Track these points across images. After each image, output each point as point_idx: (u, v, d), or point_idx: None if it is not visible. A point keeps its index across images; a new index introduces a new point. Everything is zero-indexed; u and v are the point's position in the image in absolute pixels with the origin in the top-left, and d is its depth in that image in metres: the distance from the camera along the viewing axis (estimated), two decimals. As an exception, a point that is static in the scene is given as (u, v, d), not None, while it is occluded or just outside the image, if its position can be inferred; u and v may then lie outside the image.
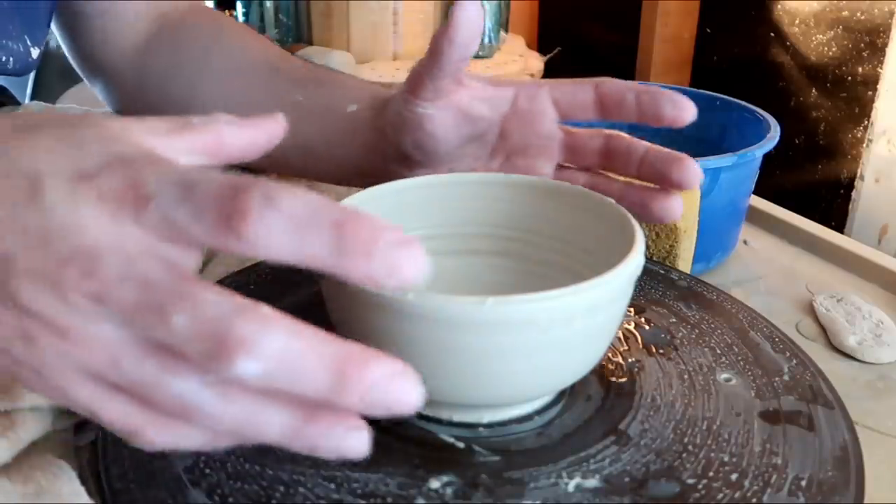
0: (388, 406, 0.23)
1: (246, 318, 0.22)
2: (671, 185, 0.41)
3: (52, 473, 0.31)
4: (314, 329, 0.23)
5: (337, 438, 0.24)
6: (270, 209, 0.22)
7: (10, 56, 0.51)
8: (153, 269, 0.23)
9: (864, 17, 0.97)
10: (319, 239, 0.22)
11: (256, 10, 1.39)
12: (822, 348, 0.50)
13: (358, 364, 0.22)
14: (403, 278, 0.23)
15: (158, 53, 0.59)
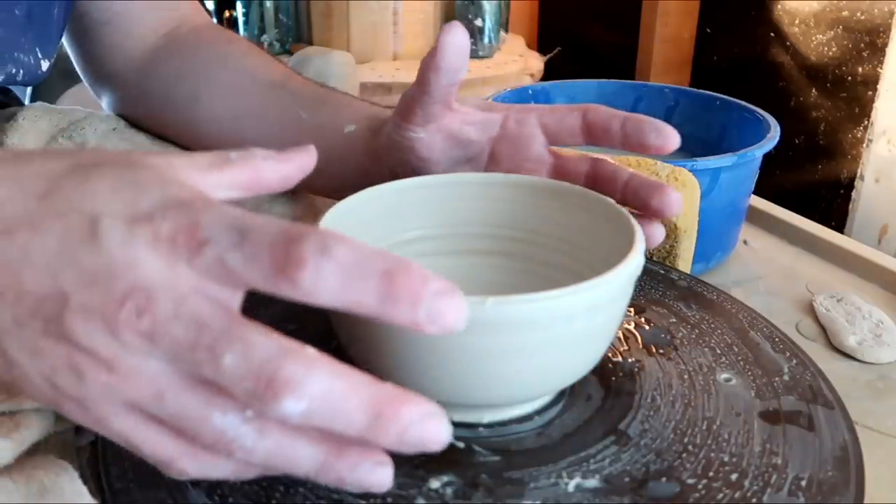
0: (420, 445, 0.24)
1: (293, 360, 0.23)
2: (652, 213, 0.42)
3: (54, 473, 0.31)
4: (354, 370, 0.24)
5: (364, 472, 0.26)
6: (325, 258, 0.24)
7: (20, 68, 0.52)
8: (204, 310, 0.24)
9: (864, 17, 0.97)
10: (370, 287, 0.24)
11: (256, 10, 1.39)
12: (822, 348, 0.50)
13: (395, 405, 0.24)
14: (446, 325, 0.24)
15: (165, 61, 0.59)
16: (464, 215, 0.44)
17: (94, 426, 0.27)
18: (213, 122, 0.57)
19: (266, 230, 0.25)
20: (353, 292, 0.24)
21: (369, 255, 0.24)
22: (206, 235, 0.25)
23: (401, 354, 0.32)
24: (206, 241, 0.25)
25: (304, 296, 0.24)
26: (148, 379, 0.25)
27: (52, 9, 0.54)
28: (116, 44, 0.60)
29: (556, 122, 0.45)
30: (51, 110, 0.58)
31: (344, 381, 0.24)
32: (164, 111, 0.59)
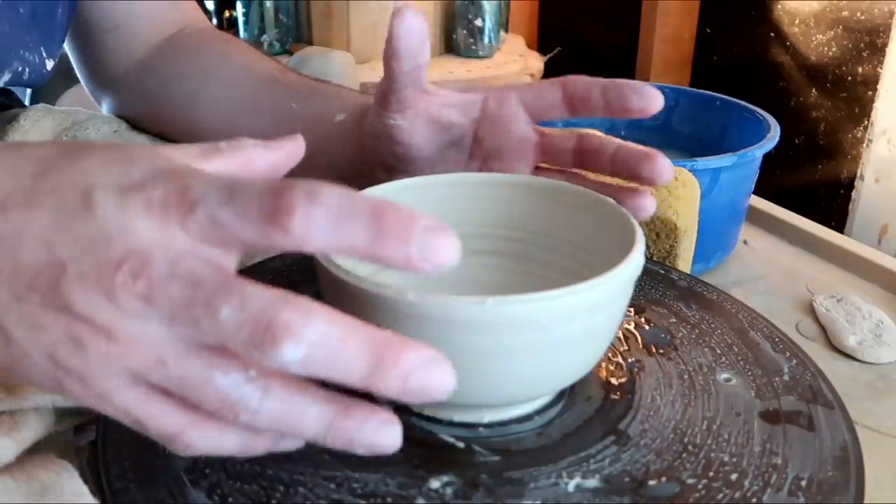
0: (424, 391, 0.24)
1: (289, 307, 0.23)
2: (643, 182, 0.41)
3: (55, 472, 0.31)
4: (352, 318, 0.24)
5: (371, 432, 0.26)
6: (314, 204, 0.24)
7: (25, 67, 0.53)
8: (199, 268, 0.25)
9: (864, 17, 0.97)
10: (360, 228, 0.24)
11: (256, 10, 1.39)
12: (822, 348, 0.50)
13: (395, 349, 0.24)
14: (438, 261, 0.24)
15: (165, 61, 0.60)
16: (463, 215, 0.44)
17: (96, 403, 0.27)
18: (212, 118, 0.57)
19: (254, 185, 0.25)
20: (344, 234, 0.24)
21: (357, 198, 0.24)
22: (196, 197, 0.25)
23: (401, 354, 0.32)
24: (197, 202, 0.25)
25: (296, 243, 0.24)
26: (148, 345, 0.25)
27: (55, 8, 0.55)
28: (119, 49, 0.61)
29: (537, 98, 0.44)
30: (53, 111, 0.59)
31: (343, 326, 0.24)
32: (164, 108, 0.59)
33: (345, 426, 0.26)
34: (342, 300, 0.33)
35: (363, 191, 0.41)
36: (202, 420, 0.26)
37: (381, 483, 0.32)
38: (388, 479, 0.32)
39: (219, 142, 0.31)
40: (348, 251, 0.24)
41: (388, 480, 0.32)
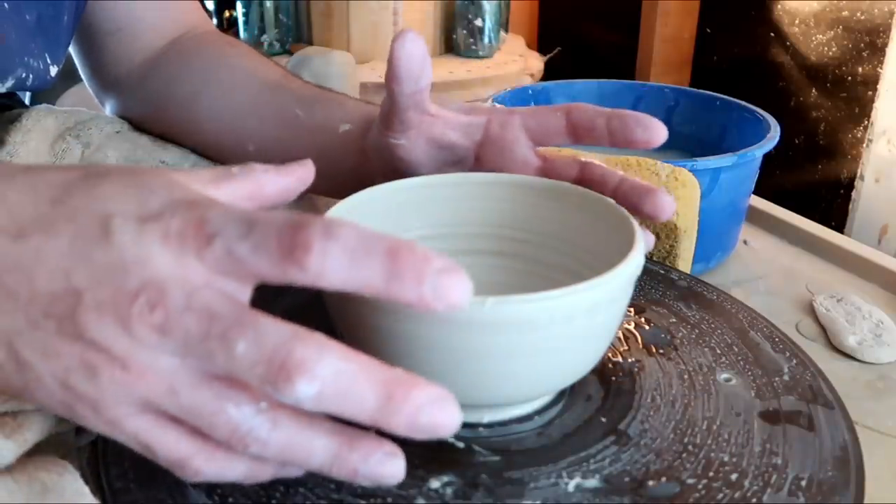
0: (432, 428, 0.25)
1: (304, 344, 0.24)
2: (644, 217, 0.41)
3: (56, 473, 0.31)
4: (365, 355, 0.25)
5: (376, 464, 0.26)
6: (331, 241, 0.24)
7: (29, 73, 0.53)
8: (215, 301, 0.25)
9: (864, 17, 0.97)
10: (375, 266, 0.24)
11: (256, 10, 1.39)
12: (822, 348, 0.50)
13: (405, 387, 0.24)
14: (450, 301, 0.24)
15: (168, 63, 0.60)
16: (464, 215, 0.44)
17: (107, 429, 0.27)
18: (214, 121, 0.57)
19: (272, 220, 0.25)
20: (359, 272, 0.24)
21: (373, 237, 0.24)
22: (213, 229, 0.25)
23: (401, 355, 0.32)
24: (215, 235, 0.25)
25: (312, 279, 0.24)
26: (161, 375, 0.25)
27: (61, 14, 0.55)
28: (122, 52, 0.61)
29: (540, 125, 0.45)
30: (56, 111, 0.59)
31: (355, 364, 0.24)
32: (166, 110, 0.59)
33: (350, 458, 0.26)
34: (343, 301, 0.33)
35: (365, 191, 0.41)
36: (212, 449, 0.27)
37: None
38: (389, 479, 0.32)
39: (231, 166, 0.31)
40: (363, 288, 0.25)
41: (389, 480, 0.32)
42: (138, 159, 0.57)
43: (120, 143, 0.58)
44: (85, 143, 0.57)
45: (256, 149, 0.55)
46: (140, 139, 0.59)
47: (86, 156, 0.56)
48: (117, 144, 0.58)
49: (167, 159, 0.58)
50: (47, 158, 0.55)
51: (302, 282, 0.25)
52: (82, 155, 0.56)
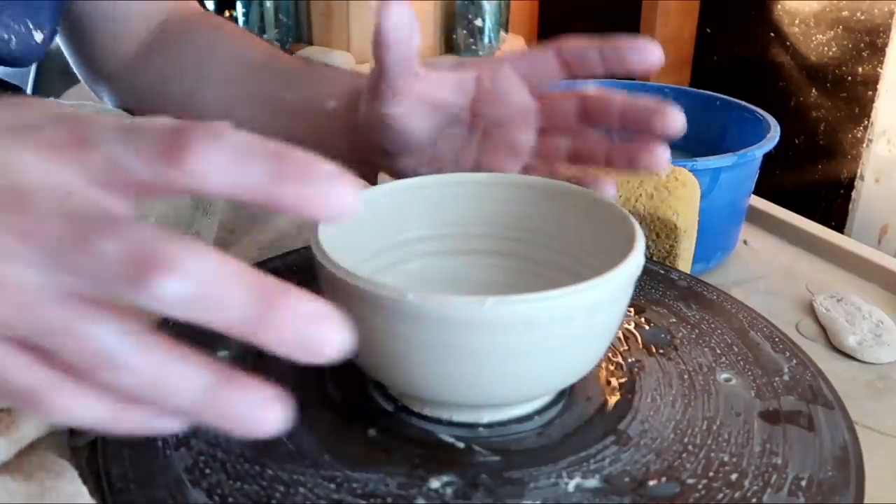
0: (310, 347, 0.22)
1: (172, 241, 0.22)
2: (656, 134, 0.41)
3: (54, 473, 0.31)
4: (241, 261, 0.23)
5: (251, 407, 0.23)
6: (213, 142, 0.23)
7: (11, 35, 0.51)
8: (86, 207, 0.23)
9: (864, 17, 0.97)
10: (259, 168, 0.23)
11: (256, 10, 1.39)
12: (822, 348, 0.50)
13: (287, 297, 0.22)
14: (335, 207, 0.23)
15: (156, 57, 0.60)
16: (464, 215, 0.44)
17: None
18: (210, 116, 0.57)
19: (154, 126, 0.24)
20: (242, 174, 0.23)
21: (259, 140, 0.23)
22: (93, 138, 0.24)
23: (401, 355, 0.32)
24: (94, 143, 0.24)
25: (192, 180, 0.23)
26: (15, 288, 0.23)
27: None
28: (112, 42, 0.61)
29: (531, 67, 0.44)
30: (61, 105, 0.58)
31: (228, 266, 0.22)
32: (160, 107, 0.59)
33: (228, 396, 0.23)
34: (342, 300, 0.33)
35: (365, 191, 0.41)
36: (69, 382, 0.23)
37: (381, 483, 0.32)
38: (388, 479, 0.32)
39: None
40: (247, 193, 0.23)
41: (388, 480, 0.32)
42: None
43: None
44: None
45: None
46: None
47: None
48: None
49: None
50: None
51: (184, 185, 0.23)
52: None
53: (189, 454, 0.33)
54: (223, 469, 0.32)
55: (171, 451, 0.33)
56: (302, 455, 0.33)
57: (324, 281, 0.34)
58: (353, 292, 0.31)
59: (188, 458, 0.33)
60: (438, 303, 0.30)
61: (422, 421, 0.36)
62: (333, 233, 0.36)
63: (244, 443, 0.34)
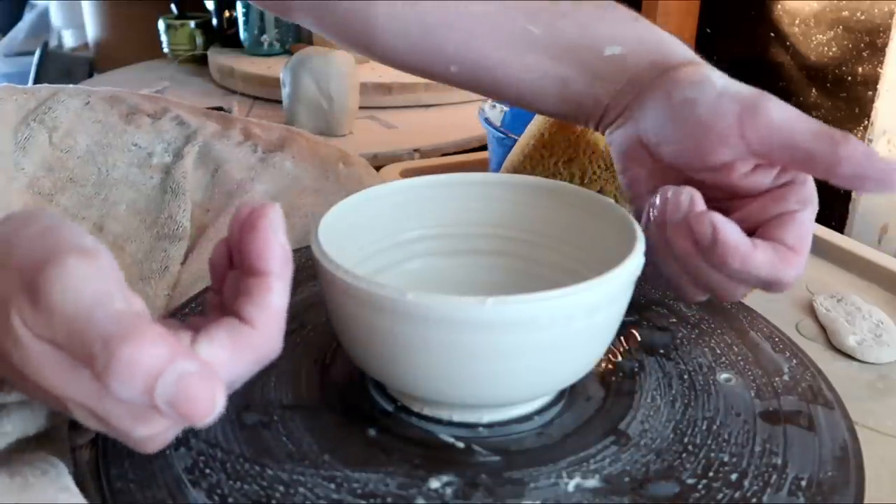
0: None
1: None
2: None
3: (40, 470, 0.31)
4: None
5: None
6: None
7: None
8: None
9: (864, 17, 0.97)
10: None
11: (256, 10, 1.39)
12: (822, 348, 0.50)
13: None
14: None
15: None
16: (464, 215, 0.44)
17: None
18: (394, 34, 0.47)
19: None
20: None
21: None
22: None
23: (401, 355, 0.32)
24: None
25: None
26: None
27: None
28: None
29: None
30: (14, 90, 0.57)
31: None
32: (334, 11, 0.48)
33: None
34: (342, 300, 0.33)
35: (365, 191, 0.41)
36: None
37: (381, 483, 0.32)
38: (388, 479, 0.32)
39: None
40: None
41: (388, 480, 0.32)
42: (109, 143, 0.56)
43: (88, 124, 0.56)
44: (51, 127, 0.55)
45: (460, 71, 0.46)
46: (110, 115, 0.57)
47: (53, 142, 0.54)
48: (86, 127, 0.56)
49: (139, 141, 0.56)
50: (10, 147, 0.53)
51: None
52: (49, 141, 0.54)
53: (189, 454, 0.33)
54: (223, 469, 0.32)
55: (171, 451, 0.33)
56: (302, 455, 0.33)
57: (324, 281, 0.34)
58: (353, 292, 0.31)
59: (188, 458, 0.33)
60: (438, 303, 0.30)
61: (422, 421, 0.36)
62: (333, 233, 0.36)
63: (244, 443, 0.34)
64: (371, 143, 1.04)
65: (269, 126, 0.62)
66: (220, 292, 0.32)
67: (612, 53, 0.43)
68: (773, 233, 0.37)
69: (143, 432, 0.28)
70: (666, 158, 0.40)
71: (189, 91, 1.35)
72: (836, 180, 0.36)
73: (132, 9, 1.76)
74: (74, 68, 1.75)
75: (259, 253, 0.28)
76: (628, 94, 0.42)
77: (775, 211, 0.38)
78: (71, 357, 0.26)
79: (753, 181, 0.38)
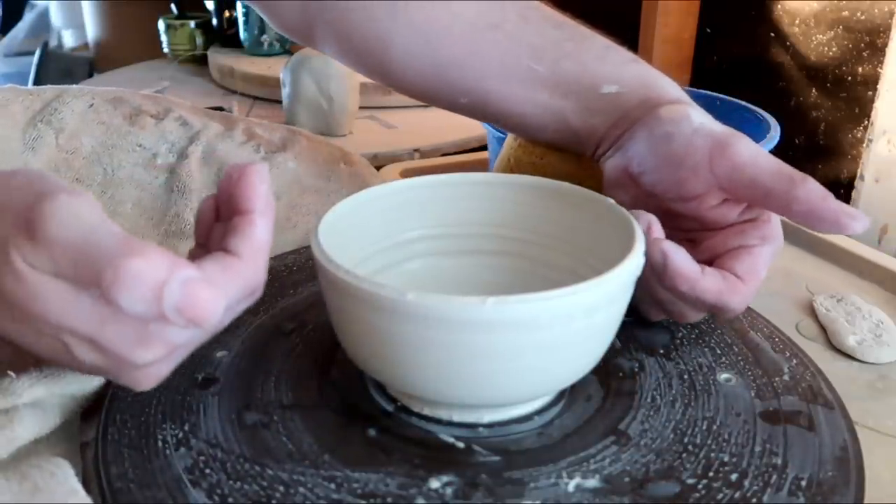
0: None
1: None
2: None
3: (48, 472, 0.31)
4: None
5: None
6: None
7: None
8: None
9: (864, 17, 0.97)
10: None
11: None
12: (822, 348, 0.50)
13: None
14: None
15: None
16: (464, 215, 0.44)
17: None
18: (411, 69, 0.50)
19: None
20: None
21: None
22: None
23: (401, 355, 0.32)
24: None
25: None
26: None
27: None
28: None
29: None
30: (20, 91, 0.57)
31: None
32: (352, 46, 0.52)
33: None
34: (342, 300, 0.33)
35: (365, 191, 0.41)
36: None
37: (381, 483, 0.32)
38: (388, 479, 0.32)
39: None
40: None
41: (388, 480, 0.32)
42: (114, 144, 0.56)
43: (93, 126, 0.57)
44: (57, 128, 0.56)
45: (469, 102, 0.50)
46: (114, 116, 0.58)
47: (60, 143, 0.55)
48: (91, 129, 0.57)
49: (144, 142, 0.57)
50: (19, 147, 0.54)
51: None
52: (56, 142, 0.55)
53: (189, 454, 0.33)
54: (223, 469, 0.32)
55: (171, 451, 0.33)
56: (302, 455, 0.33)
57: (324, 281, 0.34)
58: (353, 292, 0.31)
59: (188, 458, 0.33)
60: (438, 303, 0.30)
61: (422, 421, 0.36)
62: (333, 233, 0.36)
63: (244, 443, 0.34)
64: (371, 143, 1.04)
65: (271, 126, 0.62)
66: (204, 246, 0.34)
67: (608, 92, 0.46)
68: (727, 263, 0.40)
69: (144, 356, 0.29)
70: (647, 187, 0.43)
71: (189, 91, 1.35)
72: (792, 217, 0.38)
73: (132, 9, 1.76)
74: (74, 68, 1.75)
75: (246, 195, 0.31)
76: (620, 127, 0.45)
77: (735, 244, 0.41)
78: (74, 284, 0.28)
79: (720, 214, 0.41)
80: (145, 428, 0.34)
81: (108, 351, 0.29)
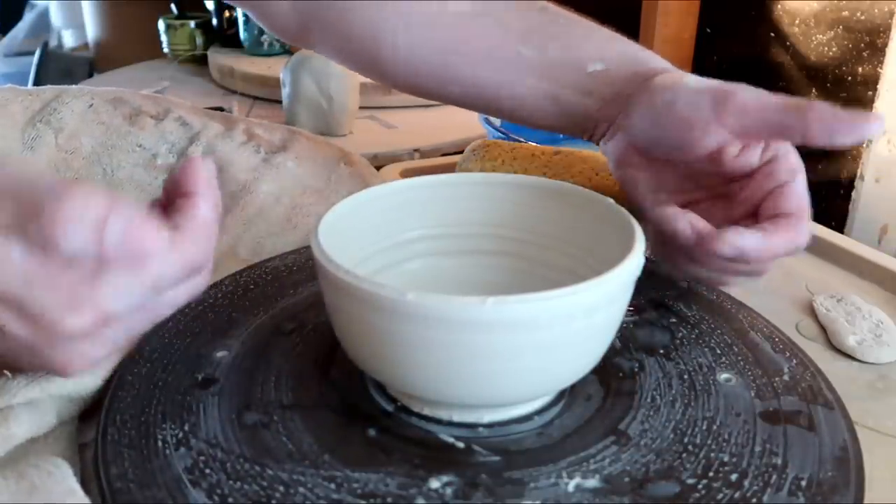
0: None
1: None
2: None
3: (46, 472, 0.31)
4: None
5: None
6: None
7: None
8: None
9: (864, 17, 0.97)
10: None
11: (256, 10, 1.39)
12: (822, 348, 0.50)
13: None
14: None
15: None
16: (464, 215, 0.44)
17: None
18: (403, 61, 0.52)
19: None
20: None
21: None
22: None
23: (401, 355, 0.32)
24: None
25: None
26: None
27: None
28: None
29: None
30: (19, 91, 0.58)
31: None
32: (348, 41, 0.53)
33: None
34: (342, 300, 0.33)
35: (365, 191, 0.41)
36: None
37: (381, 483, 0.32)
38: (388, 479, 0.32)
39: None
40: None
41: (388, 480, 0.32)
42: (113, 144, 0.56)
43: (93, 126, 0.57)
44: (56, 128, 0.56)
45: (462, 91, 0.51)
46: (114, 116, 0.58)
47: (59, 143, 0.55)
48: (90, 129, 0.57)
49: (144, 142, 0.57)
50: (18, 147, 0.54)
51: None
52: (55, 142, 0.55)
53: (189, 454, 0.33)
54: (223, 469, 0.32)
55: (171, 451, 0.33)
56: (302, 455, 0.33)
57: (324, 281, 0.34)
58: (353, 292, 0.31)
59: (188, 458, 0.33)
60: (438, 303, 0.30)
61: (422, 421, 0.36)
62: (333, 233, 0.36)
63: (244, 443, 0.34)
64: (371, 143, 1.04)
65: (272, 126, 0.62)
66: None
67: (594, 70, 0.47)
68: (773, 205, 0.41)
69: (74, 322, 0.29)
70: (662, 158, 0.43)
71: (189, 91, 1.35)
72: (811, 142, 0.39)
73: (132, 9, 1.76)
74: (74, 68, 1.75)
75: (188, 181, 0.32)
76: (615, 106, 0.46)
77: (770, 185, 0.41)
78: (14, 230, 0.27)
79: (744, 161, 0.42)
80: (145, 428, 0.34)
81: (37, 317, 0.29)
